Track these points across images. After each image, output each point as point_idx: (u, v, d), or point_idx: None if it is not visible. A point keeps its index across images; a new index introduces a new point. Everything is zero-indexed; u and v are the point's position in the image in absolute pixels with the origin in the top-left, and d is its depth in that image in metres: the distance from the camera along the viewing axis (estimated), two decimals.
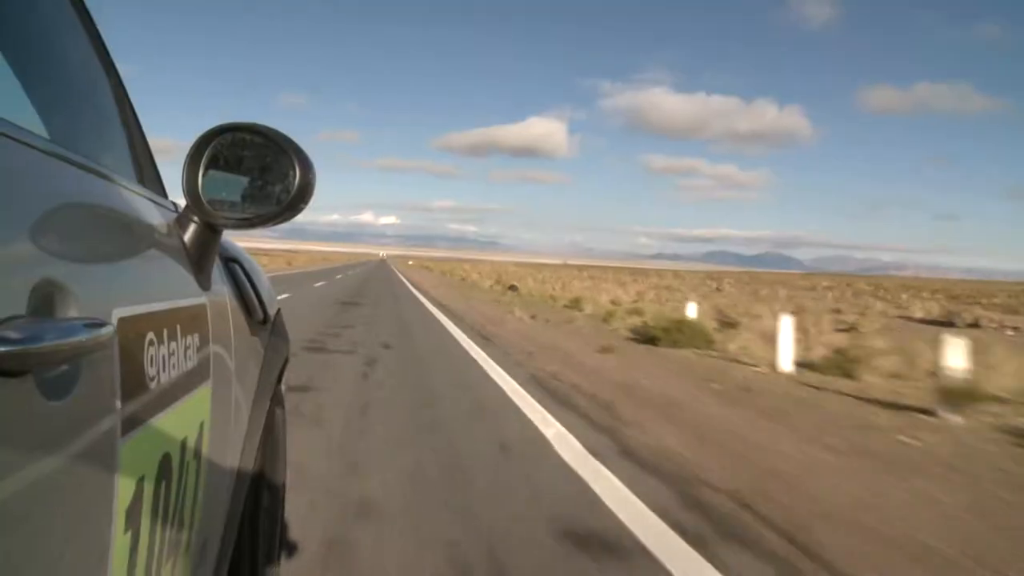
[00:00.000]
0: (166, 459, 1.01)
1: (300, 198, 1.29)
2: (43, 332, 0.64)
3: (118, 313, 0.86)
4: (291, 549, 2.81)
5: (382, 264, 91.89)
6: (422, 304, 20.82)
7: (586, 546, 3.05)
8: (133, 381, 0.89)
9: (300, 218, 1.41)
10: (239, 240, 2.20)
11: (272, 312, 1.95)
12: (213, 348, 1.31)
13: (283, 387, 2.18)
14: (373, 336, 11.26)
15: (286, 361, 2.16)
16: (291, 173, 1.29)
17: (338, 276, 41.45)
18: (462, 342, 11.08)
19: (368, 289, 28.31)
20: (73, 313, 0.75)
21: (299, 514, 3.13)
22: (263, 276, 2.01)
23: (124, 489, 0.84)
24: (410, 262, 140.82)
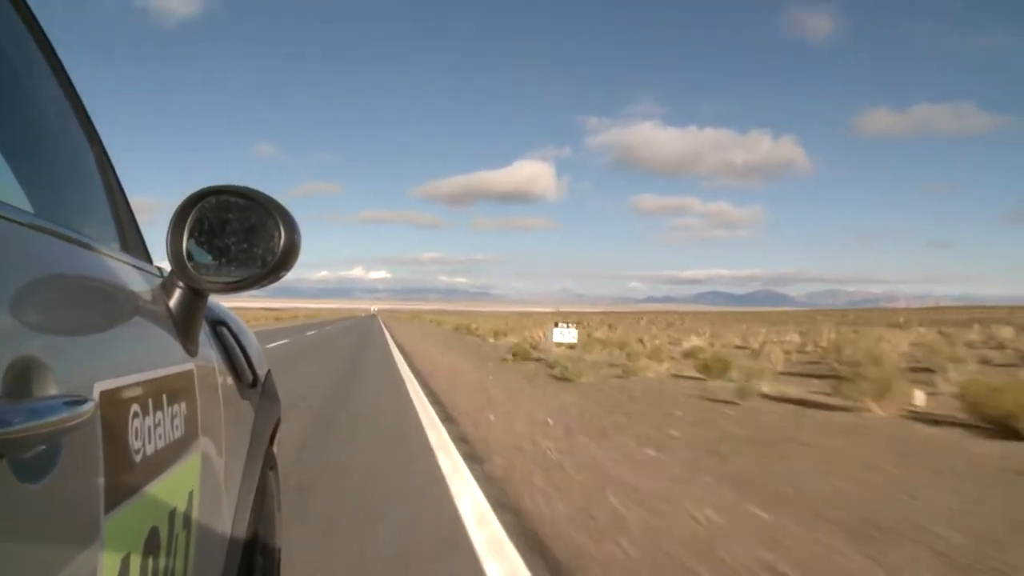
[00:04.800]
0: (154, 533, 0.98)
1: (286, 259, 1.29)
2: (15, 415, 0.62)
3: (100, 386, 0.85)
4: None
5: (361, 330, 44.31)
6: None
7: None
8: (117, 456, 0.87)
9: (290, 276, 1.40)
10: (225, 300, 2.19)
11: (262, 374, 1.92)
12: (201, 415, 1.29)
13: (275, 448, 2.15)
14: None
15: (278, 422, 2.13)
16: (276, 235, 1.28)
17: None
18: None
19: None
20: (52, 390, 0.73)
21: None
22: (252, 337, 1.99)
23: (109, 566, 0.82)
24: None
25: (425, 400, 9.58)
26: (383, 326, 53.16)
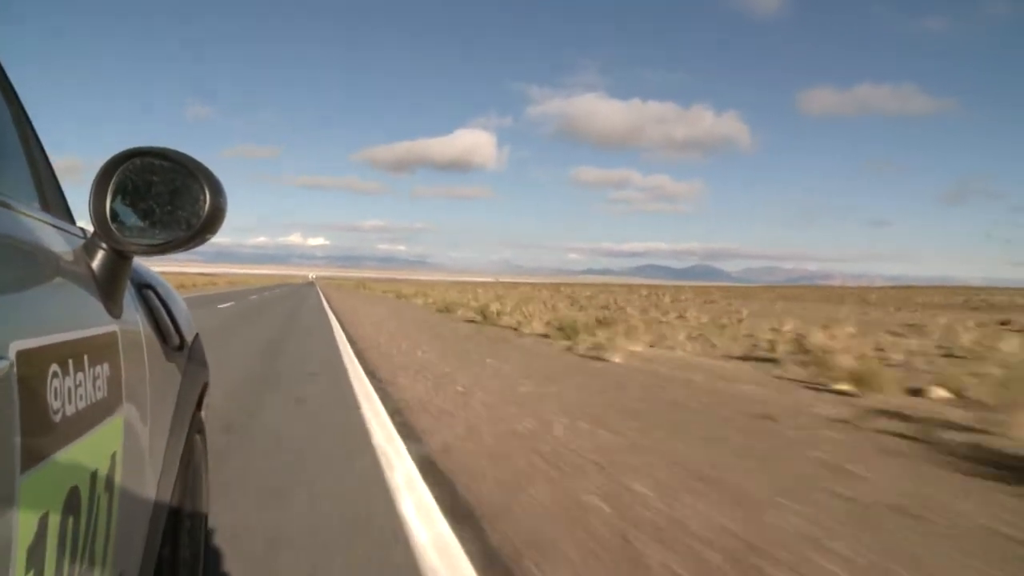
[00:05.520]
0: (74, 493, 0.98)
1: (211, 223, 1.29)
2: None
3: (17, 346, 0.84)
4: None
5: (290, 307, 28.34)
6: None
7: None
8: (34, 415, 0.87)
9: (227, 241, 1.42)
10: (156, 264, 2.13)
11: (189, 337, 1.91)
12: (125, 377, 1.28)
13: (203, 413, 2.14)
14: None
15: (205, 386, 2.12)
16: (201, 198, 1.29)
17: None
18: None
19: None
20: None
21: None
22: (180, 301, 1.97)
23: (25, 526, 0.82)
24: None
25: None
26: (325, 304, 31.43)
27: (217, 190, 1.30)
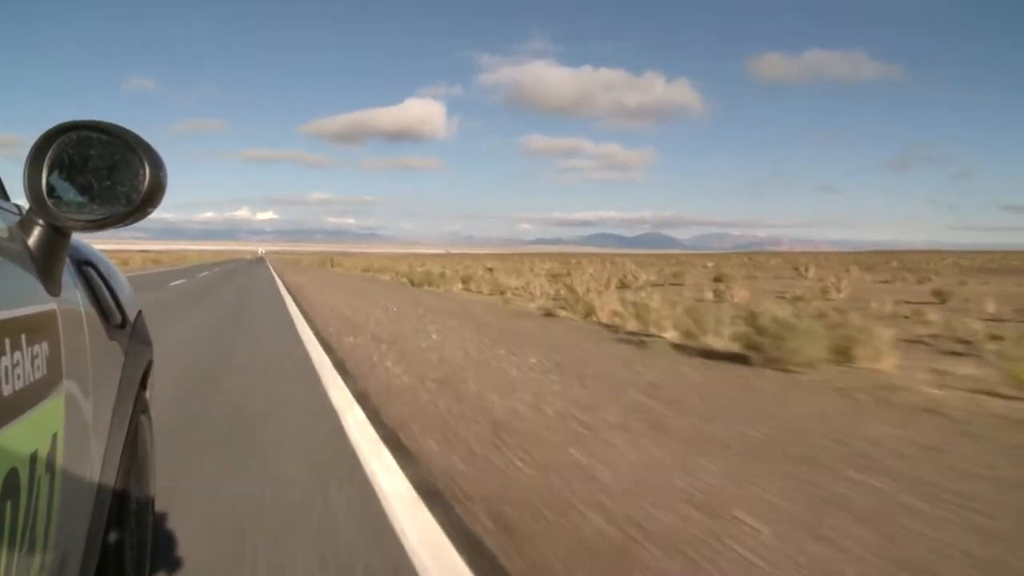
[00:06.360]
0: (13, 474, 0.97)
1: (151, 197, 1.27)
2: None
3: None
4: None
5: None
6: None
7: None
8: None
9: (173, 217, 1.41)
10: (101, 242, 2.09)
11: (132, 315, 1.88)
12: (65, 356, 1.26)
13: (148, 392, 2.10)
14: None
15: (150, 365, 2.08)
16: (141, 172, 1.26)
17: None
18: None
19: None
20: None
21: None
22: (121, 278, 1.93)
23: None
24: None
25: None
26: (292, 305, 15.61)
27: (157, 164, 1.27)
